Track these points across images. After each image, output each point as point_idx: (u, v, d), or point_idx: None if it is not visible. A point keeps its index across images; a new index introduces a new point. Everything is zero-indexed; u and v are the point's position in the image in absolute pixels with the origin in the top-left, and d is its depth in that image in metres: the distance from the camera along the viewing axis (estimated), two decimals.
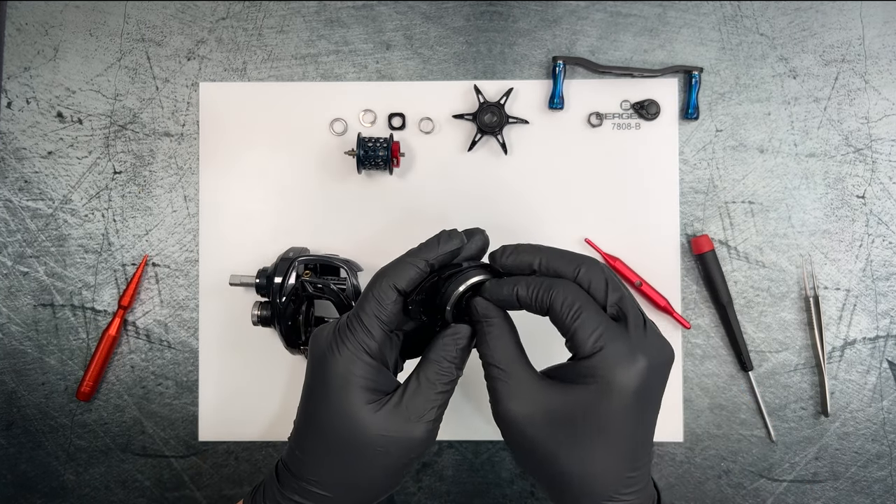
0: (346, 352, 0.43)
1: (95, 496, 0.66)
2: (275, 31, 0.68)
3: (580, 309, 0.42)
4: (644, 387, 0.41)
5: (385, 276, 0.45)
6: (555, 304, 0.42)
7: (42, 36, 0.68)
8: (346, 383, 0.43)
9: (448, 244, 0.46)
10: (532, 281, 0.44)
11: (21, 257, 0.67)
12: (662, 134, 0.67)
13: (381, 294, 0.44)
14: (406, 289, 0.45)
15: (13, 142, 0.67)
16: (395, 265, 0.45)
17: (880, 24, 0.67)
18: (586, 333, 0.41)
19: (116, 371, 0.67)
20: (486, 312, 0.45)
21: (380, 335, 0.44)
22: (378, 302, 0.44)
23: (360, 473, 0.44)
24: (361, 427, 0.43)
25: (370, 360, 0.44)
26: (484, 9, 0.68)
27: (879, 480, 0.66)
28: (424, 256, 0.45)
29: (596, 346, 0.41)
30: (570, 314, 0.42)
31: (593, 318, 0.42)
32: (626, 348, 0.41)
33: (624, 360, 0.41)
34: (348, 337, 0.44)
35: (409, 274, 0.45)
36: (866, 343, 0.67)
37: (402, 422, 0.43)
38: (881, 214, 0.67)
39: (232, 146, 0.67)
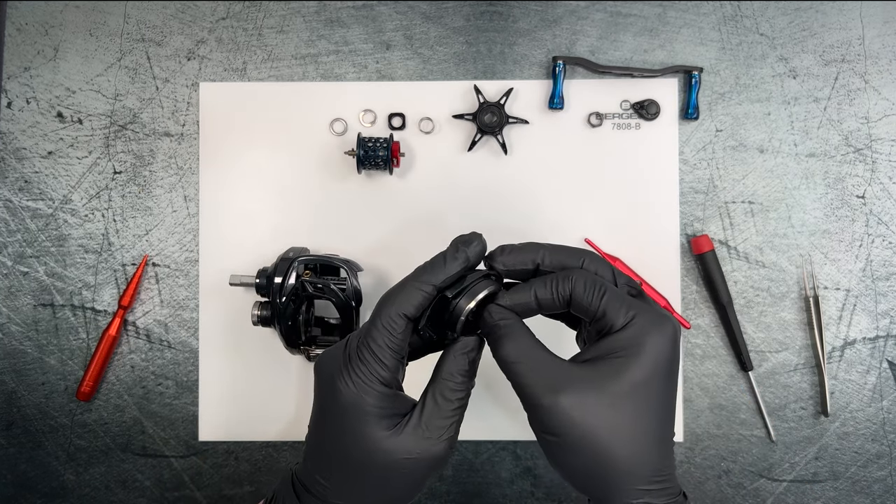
0: (360, 382, 0.43)
1: (95, 496, 0.66)
2: (275, 31, 0.68)
3: (603, 287, 0.43)
4: (674, 350, 0.43)
5: (393, 304, 0.44)
6: (577, 289, 0.43)
7: (42, 36, 0.68)
8: (362, 413, 0.43)
9: (453, 264, 0.45)
10: (546, 277, 0.44)
11: (21, 257, 0.67)
12: (662, 134, 0.67)
13: (391, 324, 0.43)
14: (415, 315, 0.44)
15: (13, 142, 0.67)
16: (402, 290, 0.44)
17: (880, 24, 0.68)
18: (616, 307, 0.42)
19: (116, 371, 0.67)
20: (502, 316, 0.45)
21: (393, 364, 0.43)
22: (389, 332, 0.43)
23: (386, 493, 0.45)
24: (383, 453, 0.43)
25: (385, 390, 0.43)
26: (484, 9, 0.68)
27: (879, 480, 0.66)
28: (432, 281, 0.44)
29: (629, 315, 0.42)
30: (595, 295, 0.43)
31: (618, 294, 0.43)
32: (656, 315, 0.43)
33: (658, 324, 0.42)
34: (360, 368, 0.43)
35: (416, 300, 0.44)
36: (866, 343, 0.67)
37: (422, 441, 0.43)
38: (881, 214, 0.67)
39: (232, 146, 0.67)
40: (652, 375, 0.41)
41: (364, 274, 0.66)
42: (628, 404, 0.41)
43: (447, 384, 0.44)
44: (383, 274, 0.67)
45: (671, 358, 0.42)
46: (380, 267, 0.67)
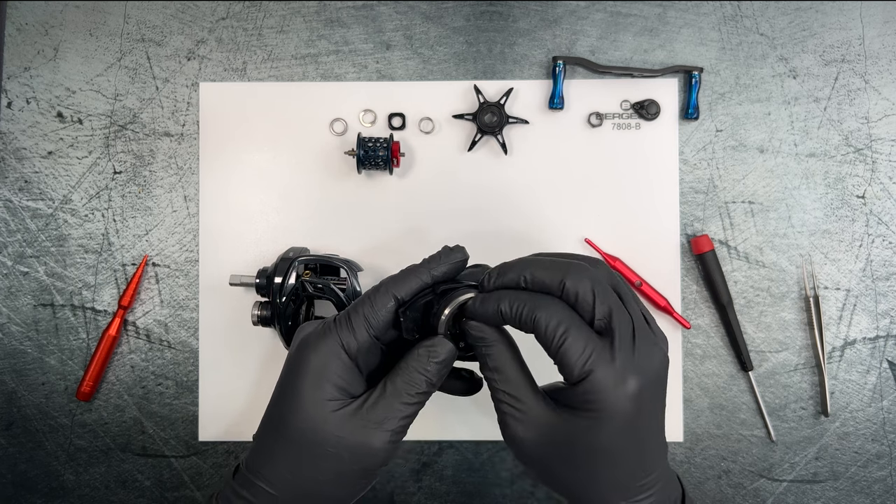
0: (326, 346, 0.43)
1: (95, 496, 0.66)
2: (275, 31, 0.68)
3: (565, 333, 0.40)
4: (638, 406, 0.40)
5: (387, 285, 0.45)
6: (538, 326, 0.41)
7: (42, 36, 0.68)
8: (316, 377, 0.42)
9: (451, 256, 0.45)
10: (516, 298, 0.42)
11: (21, 257, 0.67)
12: (662, 134, 0.67)
13: (377, 298, 0.44)
14: (404, 298, 0.44)
15: (13, 142, 0.67)
16: (398, 275, 0.45)
17: (880, 24, 0.68)
18: (573, 358, 0.40)
19: (116, 371, 0.67)
20: (481, 335, 0.44)
21: (363, 337, 0.43)
22: (371, 304, 0.44)
23: (309, 475, 0.43)
24: (317, 423, 0.42)
25: (346, 359, 0.43)
26: (484, 9, 0.68)
27: (879, 480, 0.66)
28: (428, 268, 0.45)
29: (584, 371, 0.40)
30: (556, 338, 0.40)
31: (579, 341, 0.40)
32: (614, 372, 0.40)
33: (613, 384, 0.40)
34: (332, 333, 0.43)
35: (409, 284, 0.44)
36: (866, 343, 0.67)
37: (359, 426, 0.42)
38: (881, 214, 0.67)
39: (232, 146, 0.67)
40: (608, 434, 0.40)
41: (364, 274, 0.66)
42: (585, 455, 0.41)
43: (402, 376, 0.44)
44: (383, 274, 0.67)
45: (635, 413, 0.40)
46: (380, 267, 0.67)
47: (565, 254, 0.46)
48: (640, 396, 0.40)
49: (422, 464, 0.67)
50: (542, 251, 0.63)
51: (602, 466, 0.41)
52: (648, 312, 0.45)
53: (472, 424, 0.67)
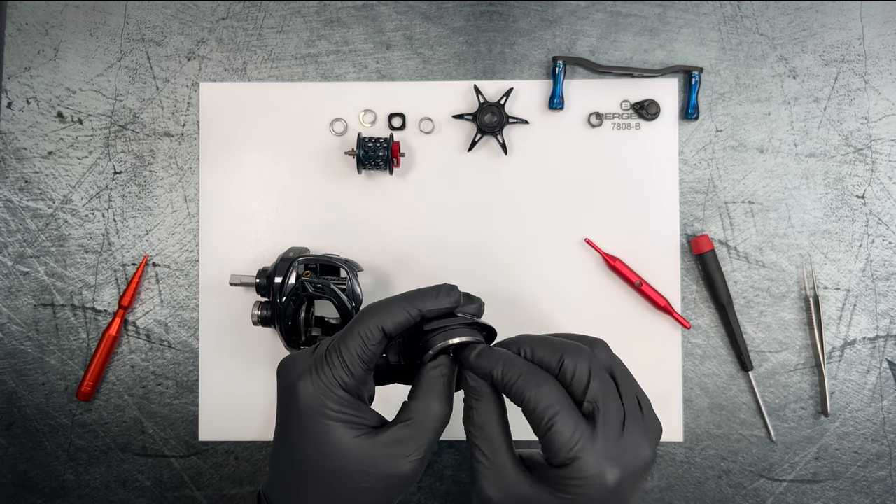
0: (322, 386, 0.42)
1: (95, 496, 0.66)
2: (275, 31, 0.68)
3: (555, 416, 0.40)
4: (616, 496, 0.40)
5: (374, 316, 0.43)
6: (528, 403, 0.41)
7: (42, 36, 0.68)
8: (322, 417, 0.42)
9: (445, 299, 0.45)
10: (512, 366, 0.42)
11: (21, 257, 0.67)
12: (662, 134, 0.67)
13: (367, 333, 0.43)
14: (392, 332, 0.44)
15: (13, 142, 0.67)
16: (387, 306, 0.44)
17: (880, 24, 0.68)
18: (560, 443, 0.40)
19: (117, 371, 0.67)
20: (475, 386, 0.44)
21: (359, 374, 0.43)
22: (363, 341, 0.43)
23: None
24: (344, 460, 0.42)
25: (346, 396, 0.43)
26: (484, 9, 0.68)
27: (879, 480, 0.66)
28: (419, 305, 0.44)
29: (569, 457, 0.40)
30: (545, 420, 0.40)
31: (568, 426, 0.40)
32: (597, 462, 0.40)
33: (595, 474, 0.40)
34: (325, 371, 0.43)
35: (398, 318, 0.43)
36: (866, 343, 0.67)
37: (388, 458, 0.42)
38: (881, 214, 0.67)
39: (232, 146, 0.67)
40: None
41: (364, 274, 0.66)
42: None
43: (422, 404, 0.43)
44: (383, 274, 0.67)
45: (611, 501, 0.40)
46: (380, 267, 0.67)
47: (569, 334, 0.46)
48: (619, 487, 0.40)
49: None
50: (539, 255, 0.63)
51: None
52: (645, 397, 0.44)
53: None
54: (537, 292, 0.67)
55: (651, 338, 0.67)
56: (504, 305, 0.67)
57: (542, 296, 0.67)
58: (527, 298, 0.67)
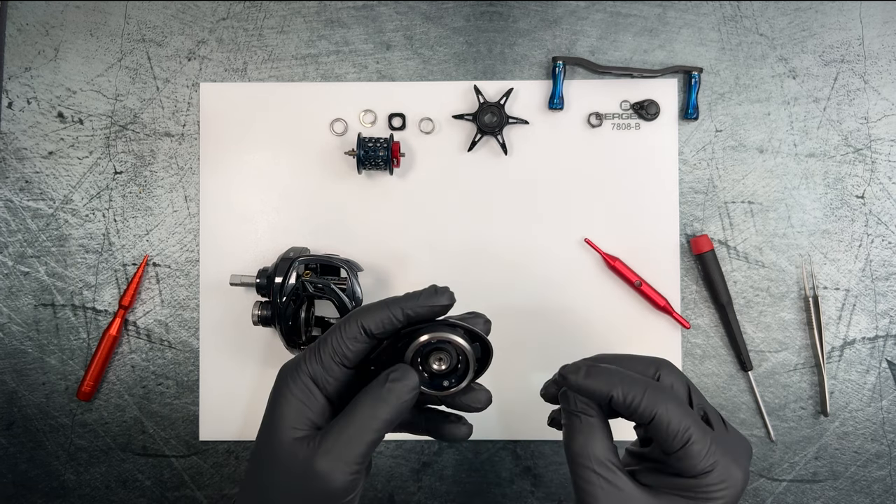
0: (296, 379, 0.41)
1: (96, 496, 0.67)
2: (275, 32, 0.68)
3: (689, 430, 0.40)
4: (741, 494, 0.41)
5: (357, 315, 0.42)
6: (660, 422, 0.40)
7: (43, 36, 0.68)
8: (284, 409, 0.41)
9: (432, 300, 0.43)
10: (633, 387, 0.41)
11: (22, 257, 0.67)
12: (662, 134, 0.68)
13: (346, 329, 0.42)
14: (375, 332, 0.42)
15: (14, 142, 0.67)
16: (371, 306, 0.43)
17: (880, 24, 0.68)
18: (697, 455, 0.40)
19: (117, 371, 0.67)
20: (584, 408, 0.43)
21: (332, 368, 0.42)
22: (341, 336, 0.42)
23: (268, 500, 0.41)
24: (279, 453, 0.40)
25: (315, 391, 0.41)
26: (484, 9, 0.68)
27: (879, 480, 0.66)
28: (403, 306, 0.42)
29: (707, 465, 0.40)
30: (679, 436, 0.40)
31: (701, 437, 0.40)
32: (731, 463, 0.41)
33: (732, 475, 0.41)
34: (302, 365, 0.42)
35: (380, 318, 0.42)
36: (866, 343, 0.67)
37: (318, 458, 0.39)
38: (880, 214, 0.67)
39: (232, 146, 0.68)
40: None
41: (364, 274, 0.66)
42: None
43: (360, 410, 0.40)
44: (383, 274, 0.67)
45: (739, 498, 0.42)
46: (380, 267, 0.67)
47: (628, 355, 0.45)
48: (744, 484, 0.41)
49: (422, 464, 0.67)
50: (539, 255, 0.62)
51: None
52: None
53: (473, 425, 0.67)
54: (537, 292, 0.67)
55: (651, 338, 0.67)
56: (504, 306, 0.67)
57: (542, 296, 0.67)
58: (527, 298, 0.67)
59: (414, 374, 0.41)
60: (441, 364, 0.43)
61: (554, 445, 0.67)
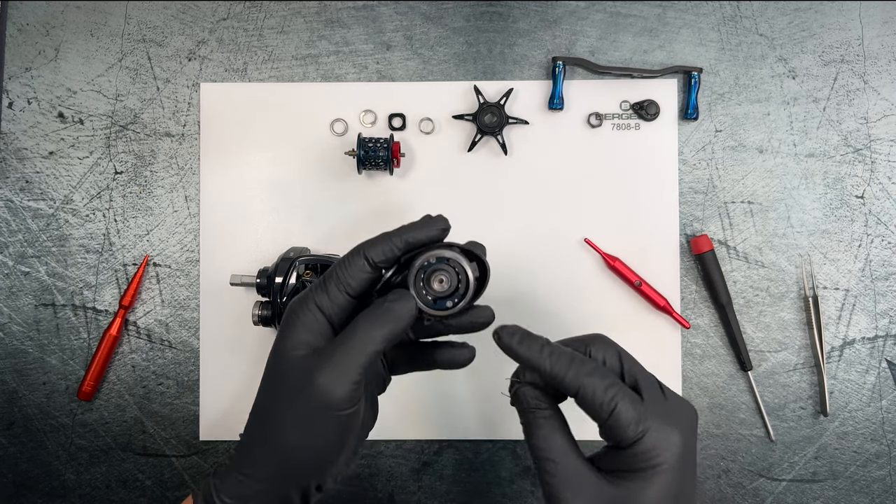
0: (303, 307, 0.43)
1: (96, 496, 0.67)
2: (275, 32, 0.68)
3: (615, 398, 0.40)
4: (685, 458, 0.41)
5: (360, 247, 0.44)
6: (586, 392, 0.41)
7: (43, 36, 0.68)
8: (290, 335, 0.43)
9: (428, 226, 0.45)
10: (560, 358, 0.42)
11: (22, 257, 0.67)
12: (662, 134, 0.68)
13: (351, 261, 0.43)
14: (377, 261, 0.43)
15: (14, 142, 0.67)
16: (372, 239, 0.45)
17: (879, 24, 0.68)
18: (625, 423, 0.40)
19: (117, 371, 0.67)
20: (537, 403, 0.44)
21: (337, 297, 0.43)
22: (345, 267, 0.43)
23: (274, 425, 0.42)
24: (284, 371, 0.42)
25: (321, 318, 0.43)
26: (484, 9, 0.68)
27: (878, 480, 0.66)
28: (401, 234, 0.44)
29: (638, 432, 0.40)
30: (606, 404, 0.40)
31: (628, 405, 0.40)
32: (663, 426, 0.41)
33: (665, 438, 0.40)
34: (309, 296, 0.43)
35: (382, 247, 0.43)
36: (865, 343, 0.67)
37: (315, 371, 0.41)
38: (880, 214, 0.67)
39: (233, 146, 0.68)
40: (665, 492, 0.40)
41: None
42: None
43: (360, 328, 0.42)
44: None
45: (684, 465, 0.41)
46: None
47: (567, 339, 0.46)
48: (686, 447, 0.41)
49: (422, 464, 0.67)
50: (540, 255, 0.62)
51: None
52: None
53: (472, 424, 0.67)
54: (537, 292, 0.67)
55: (650, 338, 0.67)
56: (504, 305, 0.67)
57: (542, 296, 0.67)
58: (527, 298, 0.67)
59: (411, 296, 0.43)
60: (442, 284, 0.44)
61: None
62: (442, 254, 0.44)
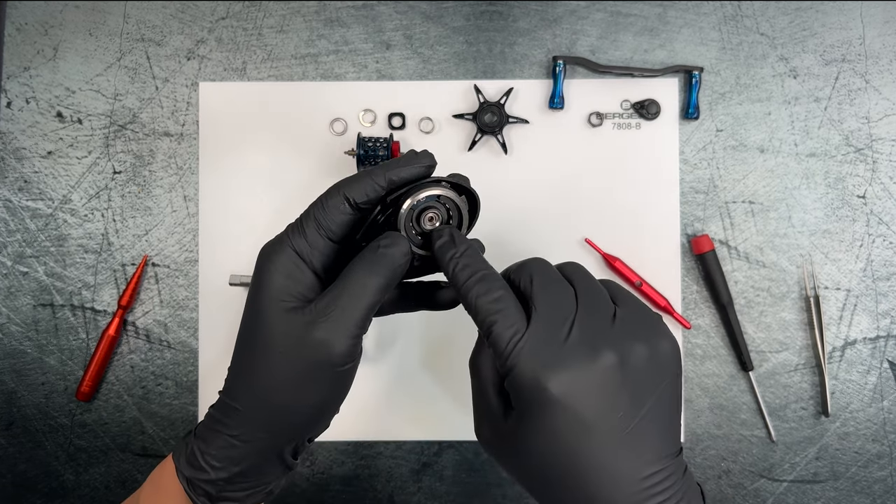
0: (279, 252, 0.40)
1: (95, 496, 0.66)
2: (275, 31, 0.68)
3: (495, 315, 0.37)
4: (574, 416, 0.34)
5: (339, 186, 0.41)
6: (471, 305, 0.38)
7: (42, 36, 0.68)
8: (271, 283, 0.40)
9: (413, 161, 0.41)
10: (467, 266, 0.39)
11: (21, 257, 0.67)
12: (663, 134, 0.67)
13: (329, 201, 0.41)
14: (358, 201, 0.40)
15: (13, 142, 0.67)
16: (352, 178, 0.41)
17: (881, 23, 0.67)
18: (500, 348, 0.36)
19: (116, 371, 0.67)
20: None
21: (315, 240, 0.40)
22: (322, 206, 0.41)
23: (269, 383, 0.40)
24: (273, 326, 0.39)
25: (300, 263, 0.40)
26: (484, 8, 0.68)
27: (880, 480, 0.66)
28: (385, 171, 0.41)
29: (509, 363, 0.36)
30: (486, 323, 0.37)
31: (506, 326, 0.36)
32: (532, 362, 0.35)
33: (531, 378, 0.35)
34: (285, 239, 0.41)
35: (363, 186, 0.40)
36: (867, 343, 0.66)
37: (314, 326, 0.38)
38: (882, 214, 0.67)
39: (232, 146, 0.67)
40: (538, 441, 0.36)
41: None
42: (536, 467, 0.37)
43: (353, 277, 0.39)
44: None
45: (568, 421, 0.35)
46: None
47: None
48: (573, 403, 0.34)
49: (422, 464, 0.67)
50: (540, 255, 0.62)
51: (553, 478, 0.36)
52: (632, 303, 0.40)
53: (472, 425, 0.66)
54: None
55: None
56: None
57: None
58: None
59: (405, 239, 0.40)
60: (434, 222, 0.42)
61: None
62: (432, 192, 0.41)
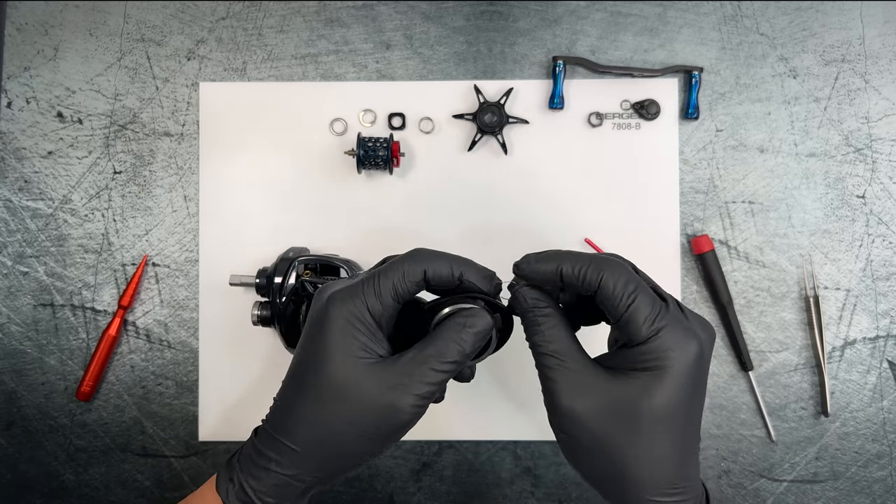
0: (354, 306, 0.42)
1: (95, 496, 0.66)
2: (275, 31, 0.68)
3: (635, 291, 0.40)
4: (698, 369, 0.41)
5: (421, 258, 0.44)
6: (606, 285, 0.41)
7: (42, 36, 0.68)
8: (345, 332, 0.42)
9: (486, 282, 0.44)
10: (579, 259, 0.42)
11: (21, 257, 0.67)
12: (662, 134, 0.67)
13: (410, 269, 0.43)
14: (431, 280, 0.43)
15: (13, 142, 0.67)
16: (435, 255, 0.44)
17: (880, 23, 0.67)
18: (642, 318, 0.40)
19: (116, 371, 0.67)
20: (535, 303, 0.43)
21: (388, 303, 0.42)
22: (403, 275, 0.43)
23: (332, 429, 0.42)
24: (346, 376, 0.41)
25: (371, 321, 0.42)
26: (484, 8, 0.68)
27: (880, 480, 0.66)
28: (463, 269, 0.44)
29: (652, 329, 0.40)
30: (625, 297, 0.40)
31: (647, 299, 0.40)
32: (681, 330, 0.40)
33: (681, 342, 0.40)
34: (359, 295, 0.42)
35: (441, 270, 0.43)
36: (866, 343, 0.66)
37: (386, 385, 0.41)
38: (881, 214, 0.67)
39: (232, 146, 0.67)
40: (671, 393, 0.40)
41: None
42: (647, 418, 0.40)
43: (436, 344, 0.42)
44: None
45: (696, 377, 0.41)
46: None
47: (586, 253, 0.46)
48: (700, 360, 0.41)
49: (422, 464, 0.67)
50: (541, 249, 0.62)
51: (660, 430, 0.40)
52: None
53: (472, 424, 0.67)
54: None
55: None
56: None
57: None
58: None
59: (487, 316, 0.43)
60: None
61: (554, 446, 0.67)
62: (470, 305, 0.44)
